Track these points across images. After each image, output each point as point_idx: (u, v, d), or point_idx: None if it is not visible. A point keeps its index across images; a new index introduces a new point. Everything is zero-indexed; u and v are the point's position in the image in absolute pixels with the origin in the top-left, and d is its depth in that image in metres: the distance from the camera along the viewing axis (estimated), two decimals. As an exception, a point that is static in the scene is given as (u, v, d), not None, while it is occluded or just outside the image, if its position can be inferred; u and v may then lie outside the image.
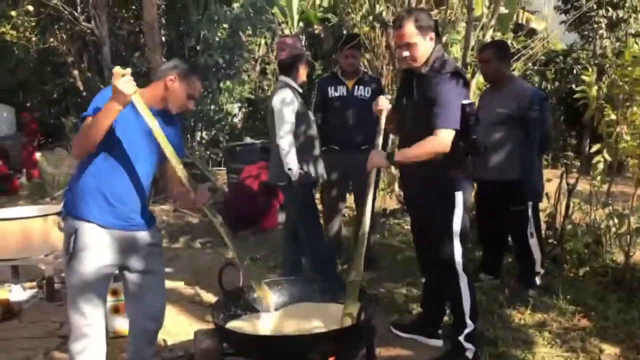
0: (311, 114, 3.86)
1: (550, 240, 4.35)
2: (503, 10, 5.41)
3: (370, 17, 6.71)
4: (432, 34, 2.66)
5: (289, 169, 3.59)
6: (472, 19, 4.95)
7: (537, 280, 3.74)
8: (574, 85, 9.56)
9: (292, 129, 3.61)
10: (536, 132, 3.57)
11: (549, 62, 11.25)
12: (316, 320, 2.40)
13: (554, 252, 4.23)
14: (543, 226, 4.38)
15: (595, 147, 4.33)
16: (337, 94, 4.29)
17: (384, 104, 2.88)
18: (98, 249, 2.27)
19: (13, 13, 9.24)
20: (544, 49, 7.44)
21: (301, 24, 9.40)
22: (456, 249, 2.80)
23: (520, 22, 9.62)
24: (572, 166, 4.98)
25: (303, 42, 9.69)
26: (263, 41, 10.82)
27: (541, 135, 3.61)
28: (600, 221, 4.44)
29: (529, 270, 3.76)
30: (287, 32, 9.74)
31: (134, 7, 10.05)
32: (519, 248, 3.81)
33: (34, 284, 4.35)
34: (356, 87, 4.26)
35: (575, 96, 4.69)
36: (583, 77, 4.53)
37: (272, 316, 2.50)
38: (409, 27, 2.61)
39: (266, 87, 11.66)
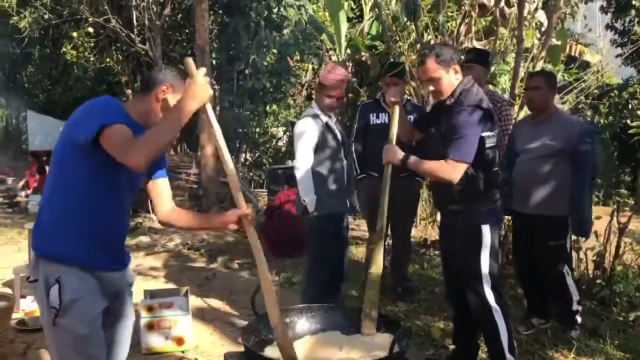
0: (337, 144, 3.69)
1: (598, 281, 4.15)
2: (554, 41, 5.30)
3: (418, 46, 6.72)
4: (457, 67, 2.72)
5: (303, 200, 3.52)
6: (521, 49, 4.87)
7: (578, 319, 3.58)
8: (629, 121, 9.23)
9: (309, 162, 3.54)
10: (588, 165, 3.44)
11: (603, 95, 10.95)
12: (346, 350, 2.34)
13: (602, 294, 4.02)
14: (590, 266, 4.22)
15: (650, 185, 4.14)
16: (378, 121, 4.26)
17: (395, 95, 2.91)
18: (91, 298, 1.89)
19: (74, 34, 9.71)
20: (597, 83, 7.24)
21: (349, 50, 9.46)
22: (485, 282, 2.75)
23: (573, 54, 9.40)
24: (625, 204, 4.77)
25: (349, 69, 9.73)
26: (310, 67, 10.96)
27: (593, 169, 3.49)
28: (654, 263, 4.22)
29: (568, 310, 3.58)
30: (334, 58, 9.83)
31: (187, 31, 10.39)
32: (557, 287, 3.62)
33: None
34: (399, 114, 4.22)
35: (630, 132, 4.52)
36: (639, 112, 4.37)
37: (301, 343, 2.45)
38: (431, 63, 2.68)
39: (312, 112, 11.76)
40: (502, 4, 6.18)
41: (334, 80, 3.56)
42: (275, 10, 9.77)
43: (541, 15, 6.12)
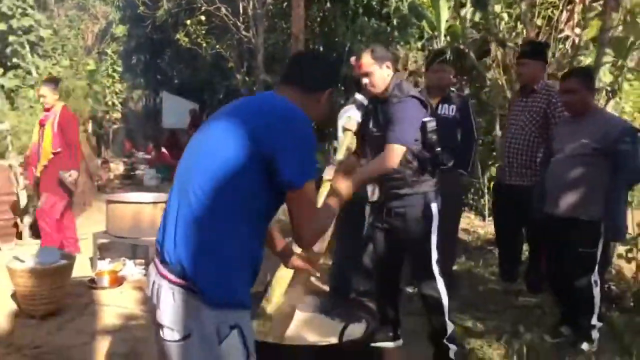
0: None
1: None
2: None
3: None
4: (389, 63, 2.95)
5: None
6: (605, 40, 4.49)
7: (594, 334, 3.31)
8: None
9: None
10: (629, 166, 3.18)
11: None
12: (306, 329, 2.44)
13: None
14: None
15: None
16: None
17: (352, 124, 2.90)
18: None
19: (187, 22, 10.52)
20: None
21: (448, 38, 9.18)
22: (434, 262, 2.96)
23: None
24: None
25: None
26: (411, 55, 10.77)
27: (631, 170, 3.21)
28: None
29: (587, 322, 3.32)
30: (435, 46, 9.61)
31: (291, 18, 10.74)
32: (580, 296, 3.36)
33: (143, 260, 5.02)
34: (440, 105, 4.14)
35: None
36: None
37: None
38: (366, 58, 2.95)
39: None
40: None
41: (359, 71, 3.72)
42: (374, -3, 9.75)
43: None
